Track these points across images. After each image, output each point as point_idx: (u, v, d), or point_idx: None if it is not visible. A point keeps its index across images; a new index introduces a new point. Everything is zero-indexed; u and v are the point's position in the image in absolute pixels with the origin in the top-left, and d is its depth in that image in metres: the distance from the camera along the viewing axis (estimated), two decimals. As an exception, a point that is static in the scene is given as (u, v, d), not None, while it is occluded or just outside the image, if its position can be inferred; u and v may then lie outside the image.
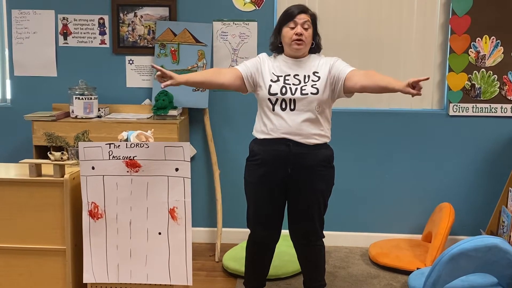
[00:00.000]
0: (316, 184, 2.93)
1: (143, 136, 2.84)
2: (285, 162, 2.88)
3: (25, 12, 4.11)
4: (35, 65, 4.16)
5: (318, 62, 2.95)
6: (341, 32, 4.10)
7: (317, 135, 2.89)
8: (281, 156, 2.87)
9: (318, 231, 3.04)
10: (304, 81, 2.89)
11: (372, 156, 4.13)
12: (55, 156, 2.80)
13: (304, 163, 2.88)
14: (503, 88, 4.00)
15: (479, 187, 4.11)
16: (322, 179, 2.95)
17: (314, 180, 2.91)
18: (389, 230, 4.20)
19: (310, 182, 2.91)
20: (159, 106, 3.79)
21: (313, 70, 2.91)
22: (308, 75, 2.90)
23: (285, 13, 2.94)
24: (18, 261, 2.86)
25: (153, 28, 4.07)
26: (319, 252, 3.10)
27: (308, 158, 2.88)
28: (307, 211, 2.98)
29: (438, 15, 4.05)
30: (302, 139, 2.86)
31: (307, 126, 2.86)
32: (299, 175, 2.90)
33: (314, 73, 2.91)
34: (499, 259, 2.79)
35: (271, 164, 2.91)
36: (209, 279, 3.66)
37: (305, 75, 2.91)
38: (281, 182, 2.92)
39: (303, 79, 2.90)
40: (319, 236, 3.06)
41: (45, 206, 2.80)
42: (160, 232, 2.70)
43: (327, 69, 2.91)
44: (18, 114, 4.00)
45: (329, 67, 2.92)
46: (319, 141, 2.90)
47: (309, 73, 2.91)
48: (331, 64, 2.92)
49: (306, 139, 2.87)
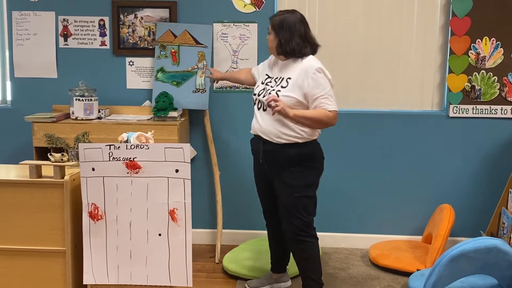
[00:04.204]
0: (287, 181, 3.04)
1: (143, 137, 2.84)
2: (261, 157, 3.13)
3: (25, 14, 4.11)
4: (35, 66, 4.16)
5: (298, 66, 3.00)
6: (341, 34, 4.10)
7: (286, 134, 3.00)
8: (257, 152, 3.15)
9: (303, 227, 3.09)
10: (276, 84, 3.04)
11: (372, 157, 4.13)
12: (55, 158, 2.80)
13: (274, 160, 3.06)
14: (503, 89, 4.00)
15: (479, 188, 4.11)
16: (293, 176, 3.04)
17: (284, 178, 3.05)
18: (389, 232, 4.19)
19: (282, 179, 3.06)
20: (159, 107, 3.79)
21: (288, 76, 3.02)
22: (283, 79, 3.03)
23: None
24: (18, 262, 2.86)
25: (153, 30, 4.07)
26: (309, 249, 3.13)
27: (277, 156, 3.04)
28: (287, 207, 3.10)
29: (438, 16, 4.05)
30: (270, 138, 3.04)
31: (275, 126, 3.00)
32: (272, 171, 3.11)
33: (287, 79, 3.01)
34: (499, 260, 2.79)
35: (255, 158, 3.21)
36: (209, 280, 3.66)
37: (282, 78, 3.04)
38: (265, 174, 3.17)
39: (278, 82, 3.04)
40: (306, 232, 3.10)
41: (45, 207, 2.81)
42: (160, 234, 2.71)
43: (301, 79, 2.96)
44: (19, 116, 4.00)
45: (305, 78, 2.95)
46: (287, 141, 3.01)
47: (285, 77, 3.03)
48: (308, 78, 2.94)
49: (275, 138, 3.02)
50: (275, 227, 3.32)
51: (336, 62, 4.09)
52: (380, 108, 4.15)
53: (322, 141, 3.21)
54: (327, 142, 3.22)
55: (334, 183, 4.10)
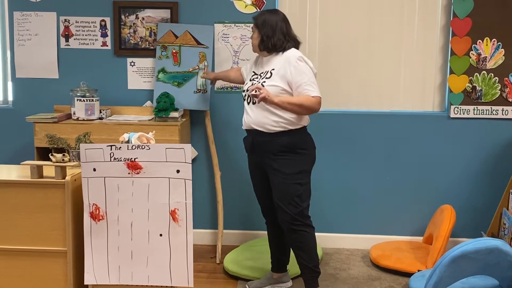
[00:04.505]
0: (280, 168, 3.13)
1: (145, 138, 2.84)
2: (253, 149, 3.23)
3: (27, 14, 4.11)
4: (36, 67, 4.16)
5: (280, 58, 3.15)
6: (342, 34, 4.10)
7: (276, 122, 3.11)
8: (250, 144, 3.25)
9: (297, 217, 3.15)
10: (261, 77, 3.18)
11: (373, 158, 4.13)
12: (56, 158, 2.80)
13: (266, 149, 3.16)
14: (504, 90, 4.00)
15: (480, 189, 4.11)
16: (285, 163, 3.14)
17: (277, 166, 3.14)
18: (390, 232, 4.19)
19: (275, 167, 3.15)
20: (160, 108, 3.79)
21: (271, 68, 3.15)
22: (267, 71, 3.17)
23: None
24: (19, 263, 2.86)
25: (154, 30, 4.07)
26: (303, 238, 3.20)
27: (269, 145, 3.14)
28: (281, 195, 3.17)
29: (439, 17, 4.06)
30: (263, 128, 3.13)
31: (266, 115, 3.11)
32: (265, 163, 3.19)
33: (271, 70, 3.15)
34: (500, 261, 2.79)
35: (248, 151, 3.31)
36: (210, 281, 3.66)
37: (266, 71, 3.17)
38: (260, 167, 3.25)
39: (262, 75, 3.18)
40: (300, 221, 3.16)
41: (46, 208, 2.81)
42: (161, 234, 2.71)
43: (284, 68, 3.10)
44: (20, 116, 4.00)
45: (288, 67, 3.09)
46: (280, 128, 3.12)
47: (269, 69, 3.17)
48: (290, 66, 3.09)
49: (268, 126, 3.12)
50: (275, 226, 3.35)
51: (337, 63, 4.10)
52: (380, 109, 4.15)
53: (323, 141, 3.22)
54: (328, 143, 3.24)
55: (335, 184, 4.11)
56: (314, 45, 4.10)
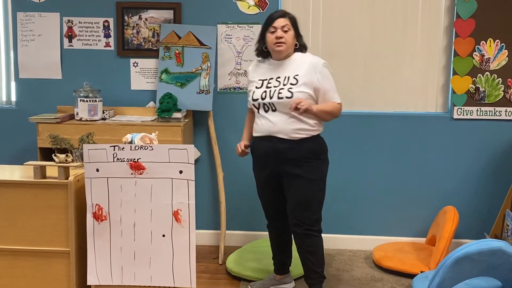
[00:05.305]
0: (306, 175, 3.08)
1: (147, 138, 2.84)
2: (271, 156, 3.11)
3: (30, 15, 4.12)
4: (40, 67, 4.17)
5: (301, 62, 3.10)
6: (345, 36, 4.10)
7: (302, 129, 3.06)
8: (268, 151, 3.11)
9: (314, 223, 3.15)
10: (283, 83, 3.07)
11: (376, 159, 4.12)
12: (59, 158, 2.81)
13: (288, 157, 3.07)
14: (508, 91, 3.99)
15: (483, 190, 4.10)
16: (311, 170, 3.10)
17: (303, 173, 3.08)
18: (393, 233, 4.19)
19: (300, 174, 3.08)
20: (163, 108, 3.80)
21: (295, 73, 3.07)
22: (288, 77, 3.08)
23: (266, 19, 3.15)
24: (22, 263, 2.87)
25: (157, 31, 4.08)
26: (316, 243, 3.18)
27: (292, 152, 3.06)
28: (303, 202, 3.12)
29: (442, 18, 4.05)
30: (284, 135, 3.06)
31: (289, 123, 3.05)
32: (283, 169, 3.10)
33: (294, 76, 3.07)
34: (503, 262, 2.78)
35: (263, 158, 3.17)
36: (212, 281, 3.66)
37: (286, 77, 3.08)
38: (275, 175, 3.15)
39: (283, 80, 3.08)
40: (316, 227, 3.16)
41: (49, 208, 2.81)
42: (164, 234, 2.71)
43: (310, 74, 3.05)
44: (23, 116, 4.01)
45: (314, 73, 3.06)
46: (302, 135, 3.07)
47: (290, 74, 3.08)
48: (316, 73, 3.06)
49: (293, 134, 3.06)
50: (280, 230, 3.35)
51: (340, 64, 4.09)
52: (384, 110, 4.14)
53: (326, 142, 3.21)
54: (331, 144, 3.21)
55: (338, 185, 4.10)
56: (317, 46, 4.09)
